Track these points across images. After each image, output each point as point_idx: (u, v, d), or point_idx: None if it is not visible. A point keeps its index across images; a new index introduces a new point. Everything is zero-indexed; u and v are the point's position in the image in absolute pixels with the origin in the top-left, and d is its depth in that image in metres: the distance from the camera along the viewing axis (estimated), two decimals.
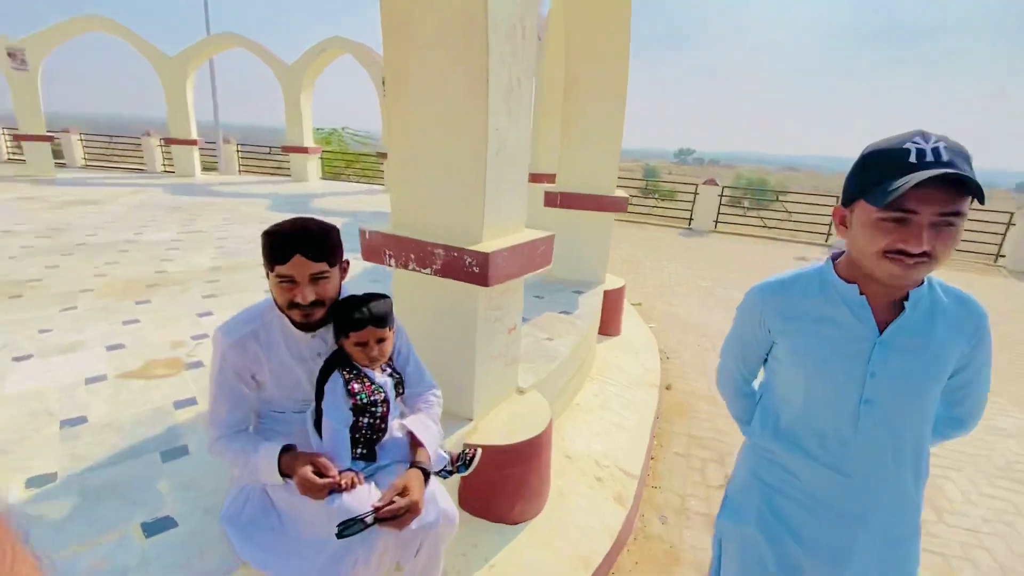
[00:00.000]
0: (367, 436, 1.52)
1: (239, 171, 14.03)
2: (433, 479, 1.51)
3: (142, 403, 2.32)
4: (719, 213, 11.94)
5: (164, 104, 11.78)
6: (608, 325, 4.37)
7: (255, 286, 4.18)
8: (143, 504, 1.69)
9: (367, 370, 1.52)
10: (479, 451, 1.76)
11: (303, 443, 1.48)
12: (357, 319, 1.45)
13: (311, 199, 9.61)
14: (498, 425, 2.25)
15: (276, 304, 1.44)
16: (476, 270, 1.88)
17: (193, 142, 11.98)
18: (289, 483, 1.38)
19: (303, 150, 11.90)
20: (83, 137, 13.89)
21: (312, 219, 1.44)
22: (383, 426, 1.53)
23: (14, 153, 13.30)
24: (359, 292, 1.54)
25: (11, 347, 2.81)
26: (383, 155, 11.71)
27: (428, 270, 2.01)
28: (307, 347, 1.51)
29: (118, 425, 2.14)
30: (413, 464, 1.46)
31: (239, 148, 14.33)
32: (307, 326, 1.45)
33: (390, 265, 2.14)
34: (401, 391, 1.62)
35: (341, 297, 1.53)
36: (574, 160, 4.29)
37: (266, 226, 1.40)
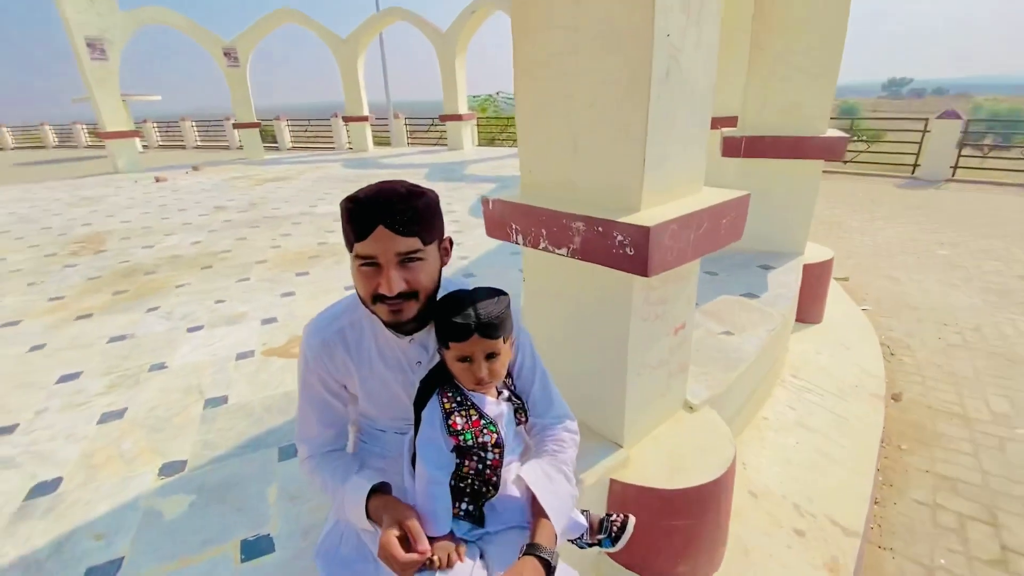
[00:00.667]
0: (474, 487, 1.09)
1: (408, 143, 15.02)
2: (562, 566, 1.02)
3: (276, 385, 2.26)
4: (959, 156, 9.11)
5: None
6: (806, 309, 3.38)
7: None
8: (248, 514, 1.53)
9: (475, 395, 1.08)
10: (631, 521, 1.23)
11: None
12: (458, 325, 1.00)
13: (464, 165, 9.68)
14: (659, 458, 1.67)
15: (360, 299, 1.05)
16: (630, 252, 1.29)
17: (364, 118, 13.01)
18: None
19: (457, 117, 12.09)
20: (289, 123, 16.19)
21: (401, 182, 1.01)
22: (495, 479, 1.08)
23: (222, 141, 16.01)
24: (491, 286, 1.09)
25: (189, 318, 3.06)
26: None
27: (564, 251, 1.48)
28: (404, 354, 1.12)
29: (250, 409, 2.08)
30: (531, 548, 0.99)
31: (407, 122, 15.27)
32: (399, 326, 1.04)
33: (517, 242, 1.65)
34: (523, 419, 1.16)
35: (443, 290, 1.11)
36: (767, 91, 3.27)
37: None
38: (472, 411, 1.06)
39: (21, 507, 1.63)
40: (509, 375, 1.17)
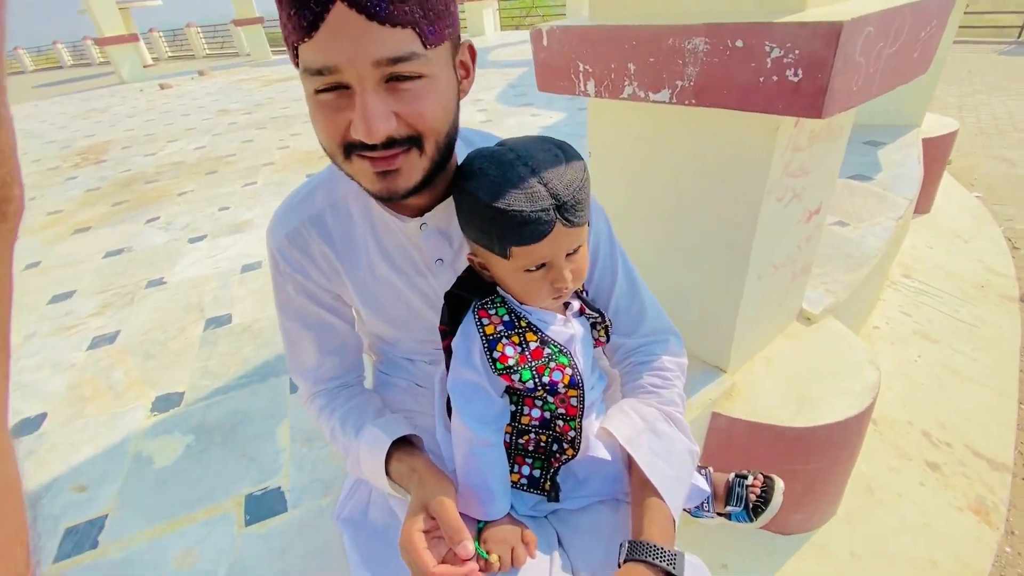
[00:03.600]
0: (542, 445, 0.72)
1: None
2: (688, 556, 0.64)
3: None
4: None
5: None
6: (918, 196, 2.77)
7: None
8: (255, 461, 1.22)
9: (531, 310, 0.66)
10: (779, 487, 0.84)
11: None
12: (530, 218, 0.55)
13: (487, 51, 8.62)
14: (776, 385, 1.26)
15: (330, 157, 0.59)
16: (794, 76, 0.78)
17: None
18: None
19: None
20: None
21: None
22: (573, 434, 0.69)
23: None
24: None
25: (191, 227, 2.69)
26: None
27: (666, 93, 0.97)
28: (415, 247, 0.70)
29: (256, 330, 1.75)
30: (637, 549, 0.61)
31: None
32: (396, 199, 0.58)
33: (587, 92, 1.14)
34: (604, 339, 0.75)
35: (464, 144, 0.66)
36: None
37: None
38: (530, 335, 0.65)
39: None
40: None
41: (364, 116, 0.48)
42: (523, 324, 0.66)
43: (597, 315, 0.73)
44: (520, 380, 0.64)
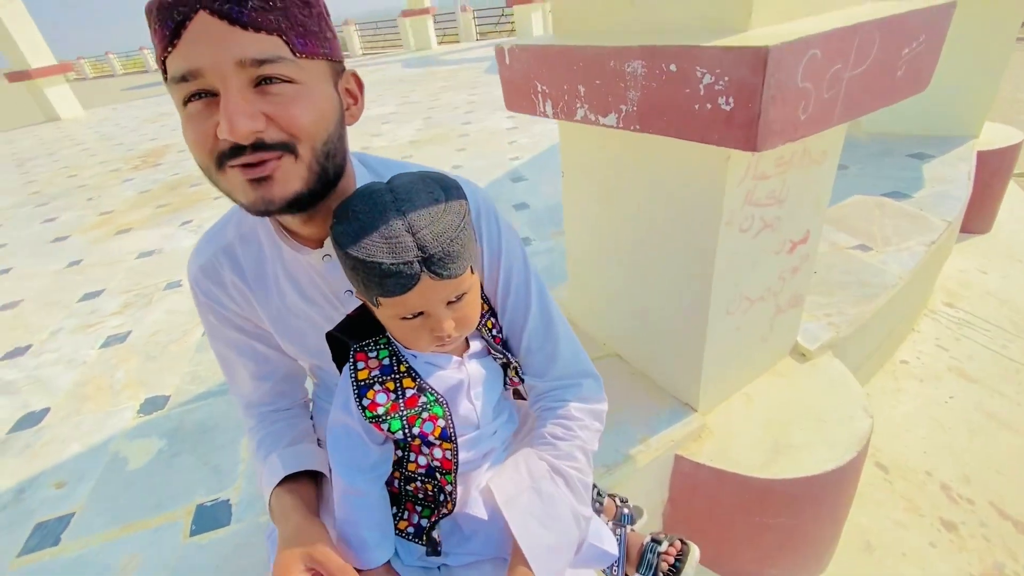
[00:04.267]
0: (433, 498, 0.69)
1: (476, 38, 13.86)
2: None
3: None
4: None
5: None
6: (971, 214, 2.49)
7: (446, 160, 3.61)
8: (214, 470, 1.26)
9: (424, 356, 0.64)
10: (693, 554, 0.77)
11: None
12: (392, 272, 0.52)
13: None
14: (751, 427, 1.16)
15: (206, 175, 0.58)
16: (726, 104, 0.70)
17: (426, 11, 11.97)
18: None
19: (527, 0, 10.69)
20: (358, 28, 15.47)
21: None
22: (449, 487, 0.66)
23: None
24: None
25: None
26: None
27: (612, 117, 0.90)
28: (321, 277, 0.68)
29: None
30: None
31: (475, 15, 13.95)
32: (273, 211, 0.55)
33: (545, 113, 1.09)
34: (517, 379, 0.70)
35: (359, 177, 0.64)
36: None
37: (476, 91, 0.57)
38: (407, 381, 0.62)
39: (3, 441, 1.49)
40: (486, 304, 0.70)
41: (226, 113, 0.46)
42: (402, 369, 0.63)
43: (503, 354, 0.69)
44: (389, 430, 0.61)
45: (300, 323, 0.72)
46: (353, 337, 0.64)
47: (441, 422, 0.62)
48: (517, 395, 0.89)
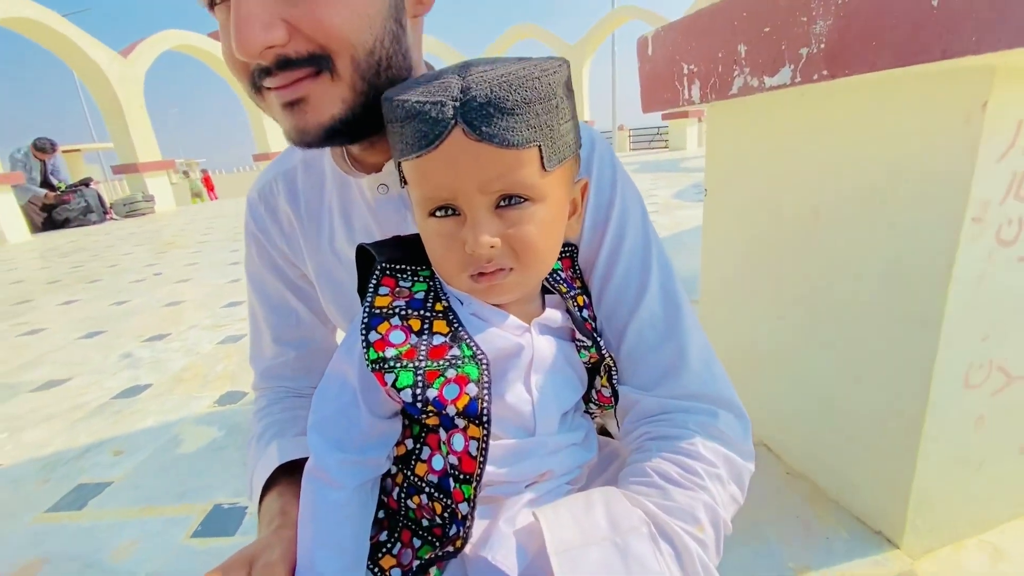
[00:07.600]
0: (442, 529, 0.42)
1: (629, 149, 14.97)
2: None
3: None
4: None
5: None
6: None
7: None
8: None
9: (472, 304, 0.42)
10: None
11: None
12: (408, 107, 0.35)
13: (681, 161, 8.58)
14: None
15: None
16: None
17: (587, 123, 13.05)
18: None
19: (682, 115, 11.03)
20: None
21: None
22: (464, 507, 0.39)
23: None
24: None
25: None
26: None
27: (784, 72, 0.66)
28: (371, 211, 0.52)
29: None
30: None
31: (630, 133, 16.70)
32: (312, 140, 0.42)
33: (691, 99, 0.88)
34: (608, 390, 0.44)
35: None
36: None
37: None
38: (439, 323, 0.41)
39: (104, 405, 1.54)
40: (580, 281, 0.47)
41: (236, 22, 0.35)
42: (437, 309, 0.42)
43: (589, 342, 0.44)
44: (395, 385, 0.38)
45: (342, 273, 0.56)
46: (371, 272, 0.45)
47: (472, 388, 0.38)
48: (603, 431, 0.62)
